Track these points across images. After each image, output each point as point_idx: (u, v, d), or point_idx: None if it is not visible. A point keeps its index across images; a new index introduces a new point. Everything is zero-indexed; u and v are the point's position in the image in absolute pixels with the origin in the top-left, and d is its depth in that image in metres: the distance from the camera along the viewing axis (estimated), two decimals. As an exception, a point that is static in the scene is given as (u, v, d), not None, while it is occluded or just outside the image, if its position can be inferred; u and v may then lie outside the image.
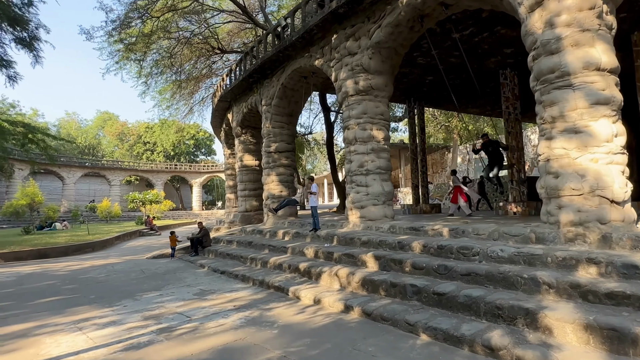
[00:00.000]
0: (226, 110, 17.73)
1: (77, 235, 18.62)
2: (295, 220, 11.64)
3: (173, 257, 11.69)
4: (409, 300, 5.27)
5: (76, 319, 5.56)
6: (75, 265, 11.14)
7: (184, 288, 7.52)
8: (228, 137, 19.68)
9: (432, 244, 6.23)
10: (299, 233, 9.69)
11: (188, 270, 9.58)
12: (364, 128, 8.75)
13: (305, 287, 6.54)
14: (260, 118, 15.53)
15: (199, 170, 53.23)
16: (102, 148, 59.56)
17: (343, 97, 9.14)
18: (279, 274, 7.60)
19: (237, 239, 11.36)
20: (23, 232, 20.28)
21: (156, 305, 6.21)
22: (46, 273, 9.89)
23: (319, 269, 6.91)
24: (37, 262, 12.51)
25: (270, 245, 9.51)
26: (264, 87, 13.06)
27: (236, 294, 6.86)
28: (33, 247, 13.66)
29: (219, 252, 10.75)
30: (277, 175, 12.59)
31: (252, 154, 15.89)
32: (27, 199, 21.11)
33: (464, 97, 16.17)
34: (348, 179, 9.00)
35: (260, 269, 8.41)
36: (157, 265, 10.51)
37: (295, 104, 12.69)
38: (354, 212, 8.75)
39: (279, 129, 12.71)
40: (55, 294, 7.32)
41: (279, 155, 12.67)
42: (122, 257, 12.84)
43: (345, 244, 7.88)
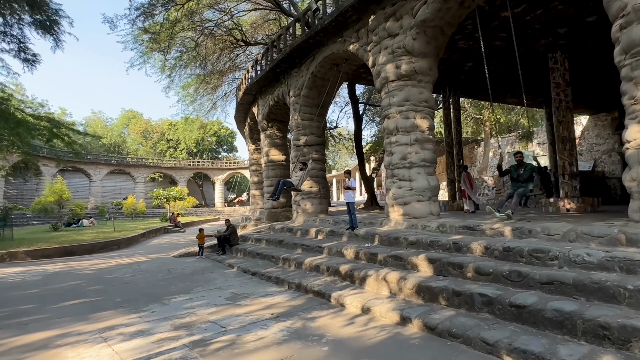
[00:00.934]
0: (251, 103, 17.20)
1: (103, 232, 18.54)
2: (326, 217, 10.96)
3: (201, 256, 11.22)
4: (477, 313, 4.50)
5: (101, 326, 5.04)
6: (101, 264, 10.81)
7: (215, 291, 6.96)
8: (252, 131, 19.17)
9: (496, 245, 5.43)
10: (333, 232, 9.00)
11: (216, 271, 9.05)
12: (406, 116, 7.96)
13: (349, 292, 5.85)
14: (287, 111, 14.91)
15: (221, 167, 53.30)
16: (126, 146, 60.46)
17: (382, 83, 8.37)
18: (317, 277, 6.94)
19: (266, 238, 10.77)
20: (51, 229, 20.40)
21: (186, 311, 5.65)
22: (72, 272, 9.57)
23: (362, 272, 6.20)
24: (63, 259, 12.30)
25: (303, 244, 8.86)
26: (292, 77, 12.40)
27: (272, 299, 6.24)
28: (60, 244, 13.51)
29: (248, 251, 10.19)
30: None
31: (278, 149, 15.29)
32: (55, 196, 21.27)
33: (504, 86, 15.09)
34: (388, 173, 8.24)
35: (295, 270, 7.77)
36: (184, 265, 10.04)
37: (325, 94, 11.97)
38: (395, 209, 7.99)
39: (309, 121, 12.04)
40: (79, 296, 6.89)
41: (309, 148, 12.00)
42: (147, 256, 12.48)
43: (389, 245, 7.14)
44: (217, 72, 20.32)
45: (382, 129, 8.65)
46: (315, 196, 11.88)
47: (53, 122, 11.16)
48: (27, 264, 11.48)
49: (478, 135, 29.18)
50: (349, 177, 8.65)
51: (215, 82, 21.66)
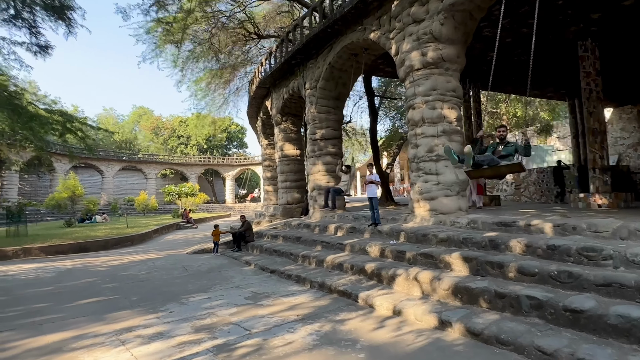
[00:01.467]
0: (264, 97, 16.86)
1: (116, 228, 18.46)
2: (345, 213, 10.60)
3: (216, 253, 10.96)
4: (525, 317, 4.11)
5: (118, 327, 4.77)
6: (115, 261, 10.62)
7: (234, 290, 6.66)
8: (265, 126, 18.86)
9: (538, 243, 5.01)
10: (354, 228, 8.64)
11: (233, 268, 8.76)
12: (433, 107, 7.53)
13: (377, 293, 5.50)
14: (302, 104, 14.54)
15: (232, 163, 53.26)
16: (138, 142, 60.76)
17: (407, 71, 7.94)
18: (341, 276, 6.59)
19: (283, 234, 10.46)
20: (65, 225, 20.41)
21: (206, 311, 5.35)
22: (86, 269, 9.37)
23: (391, 271, 5.84)
24: (77, 256, 12.16)
25: (322, 241, 8.52)
26: (308, 69, 12.03)
27: (294, 298, 5.91)
28: (74, 240, 13.39)
29: (265, 248, 9.89)
30: (324, 164, 11.56)
31: (292, 143, 14.95)
32: (68, 192, 21.30)
33: (526, 78, 14.53)
34: (413, 167, 7.84)
35: (316, 268, 7.43)
36: (200, 262, 9.79)
37: (343, 86, 11.58)
38: (421, 204, 7.59)
39: (325, 114, 11.66)
40: (94, 295, 6.65)
41: (325, 142, 11.63)
42: (161, 252, 12.28)
43: (417, 242, 6.75)
44: (229, 66, 20.02)
45: (406, 120, 8.24)
46: (333, 191, 11.51)
47: (66, 116, 10.98)
48: (41, 260, 11.36)
49: (494, 129, 28.42)
50: (371, 170, 8.27)
51: (227, 77, 21.37)
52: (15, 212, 14.90)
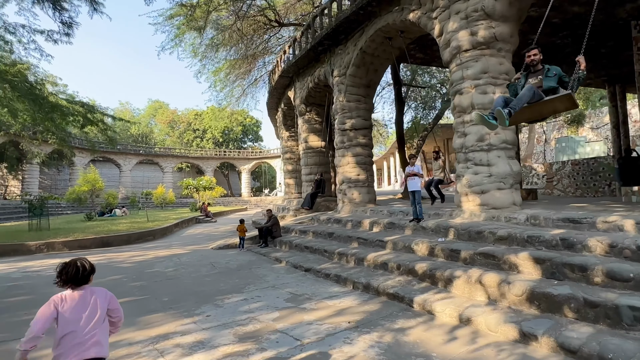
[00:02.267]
0: (286, 87, 16.32)
1: (137, 222, 18.25)
2: (378, 208, 10.02)
3: (242, 249, 10.53)
4: (626, 331, 3.50)
5: (153, 334, 4.32)
6: (139, 256, 10.28)
7: (270, 290, 6.18)
8: (286, 118, 18.34)
9: (625, 243, 4.37)
10: (393, 224, 8.07)
11: (264, 266, 8.30)
12: (484, 91, 6.87)
13: (434, 297, 4.93)
14: (327, 93, 13.96)
15: (247, 156, 53.06)
16: (154, 136, 61.06)
17: (453, 53, 7.27)
18: (386, 276, 6.04)
19: (313, 229, 9.95)
20: (85, 219, 20.35)
21: (246, 316, 4.87)
22: (110, 265, 9.03)
23: (446, 272, 5.26)
24: (100, 250, 11.89)
25: (359, 237, 7.97)
26: (336, 55, 11.41)
27: (339, 301, 5.39)
28: (96, 235, 13.15)
29: (294, 244, 9.40)
30: (354, 156, 10.98)
31: (317, 135, 14.39)
32: (88, 185, 21.23)
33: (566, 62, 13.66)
34: (460, 157, 7.21)
35: (355, 267, 6.89)
36: (227, 258, 9.36)
37: (374, 72, 10.95)
38: (470, 198, 6.96)
39: (355, 102, 11.05)
40: (123, 294, 6.24)
41: (355, 133, 11.03)
42: (185, 247, 11.92)
43: (470, 240, 6.15)
44: (248, 56, 19.51)
45: (451, 107, 7.59)
46: (363, 184, 10.95)
47: (87, 107, 10.64)
48: (65, 255, 11.10)
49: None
50: (413, 162, 7.66)
51: (245, 67, 20.90)
52: (37, 206, 14.78)
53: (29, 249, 11.49)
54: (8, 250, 11.31)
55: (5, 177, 39.46)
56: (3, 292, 6.60)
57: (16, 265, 9.37)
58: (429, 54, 12.47)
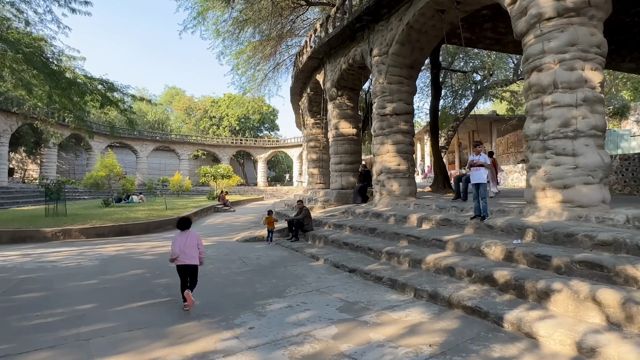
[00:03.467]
0: (314, 70, 15.32)
1: (155, 210, 17.63)
2: (421, 201, 9.03)
3: (270, 242, 9.69)
4: None
5: (188, 352, 3.49)
6: (160, 247, 9.53)
7: (316, 295, 5.31)
8: (312, 103, 17.36)
9: None
10: (448, 220, 7.09)
11: (299, 263, 7.43)
12: (570, 67, 5.78)
13: (527, 313, 3.98)
14: (362, 76, 12.94)
15: (264, 145, 52.30)
16: (170, 123, 60.73)
17: (531, 23, 6.18)
18: (455, 284, 5.10)
19: (349, 223, 9.03)
20: (103, 204, 19.85)
21: (297, 330, 4.01)
22: (130, 257, 8.30)
23: (540, 283, 4.29)
24: (118, 239, 11.22)
25: (408, 235, 7.02)
26: (376, 32, 10.35)
27: (404, 314, 4.49)
28: (114, 222, 12.47)
29: (330, 240, 8.50)
30: (394, 143, 9.98)
31: (348, 121, 13.40)
32: (106, 170, 20.72)
33: (623, 47, 12.34)
34: (536, 145, 6.16)
35: (411, 270, 5.96)
36: (256, 253, 8.53)
37: (419, 51, 9.88)
38: (548, 193, 5.93)
39: (397, 85, 10.02)
40: (147, 294, 5.46)
41: (396, 118, 10.02)
42: (207, 238, 11.16)
43: (556, 243, 5.15)
44: (272, 37, 18.51)
45: (524, 87, 6.51)
46: (404, 175, 9.97)
47: (107, 84, 9.87)
48: (82, 244, 10.46)
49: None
50: (479, 150, 6.64)
51: (268, 51, 19.90)
52: (53, 190, 14.21)
53: (45, 235, 10.87)
54: (23, 237, 10.72)
55: (24, 161, 39.56)
56: (15, 286, 5.88)
57: (31, 254, 8.73)
58: (476, 33, 11.32)
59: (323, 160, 17.88)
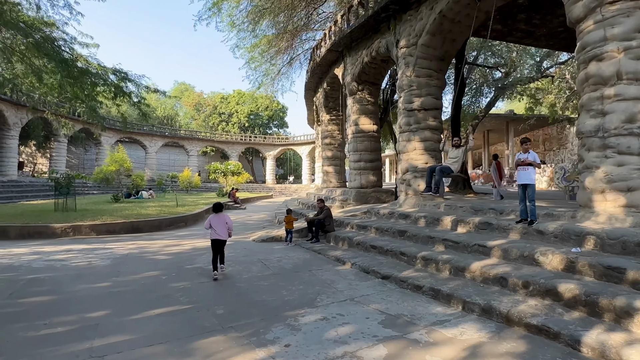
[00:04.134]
0: (332, 64, 14.77)
1: (165, 206, 17.22)
2: (452, 202, 8.45)
3: (289, 243, 9.19)
4: None
5: (220, 377, 2.98)
6: (174, 246, 9.08)
7: (351, 305, 4.78)
8: (328, 99, 16.81)
9: None
10: (489, 224, 6.52)
11: (325, 267, 6.91)
12: (637, 56, 5.18)
13: (608, 336, 3.42)
14: (383, 71, 12.36)
15: (273, 142, 51.86)
16: (179, 119, 60.55)
17: (591, 7, 5.58)
18: (510, 296, 4.54)
19: (375, 225, 8.48)
20: (113, 200, 19.51)
21: (341, 349, 3.49)
22: (144, 256, 7.84)
23: (618, 300, 3.72)
24: (130, 237, 10.79)
25: (445, 240, 6.46)
26: (404, 22, 9.77)
27: (457, 331, 3.94)
28: (125, 219, 12.05)
29: (355, 242, 7.97)
30: (422, 140, 9.42)
31: (369, 117, 12.84)
32: (116, 165, 20.33)
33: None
34: (594, 143, 5.55)
35: (453, 278, 5.41)
36: (276, 254, 8.02)
37: (451, 43, 9.29)
38: (609, 196, 5.34)
39: (426, 78, 9.44)
40: (164, 300, 4.97)
41: (425, 114, 9.44)
42: (222, 237, 10.68)
43: (625, 253, 4.57)
44: (287, 31, 17.98)
45: (579, 79, 5.91)
46: (431, 175, 9.38)
47: (120, 73, 9.41)
48: (92, 241, 10.04)
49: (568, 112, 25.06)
50: (527, 147, 6.05)
51: (282, 45, 19.39)
52: (63, 185, 13.84)
53: (54, 231, 10.47)
54: (32, 233, 10.33)
55: (34, 155, 39.51)
56: (21, 288, 5.43)
57: (39, 251, 8.31)
58: (508, 25, 10.69)
59: (338, 158, 17.34)
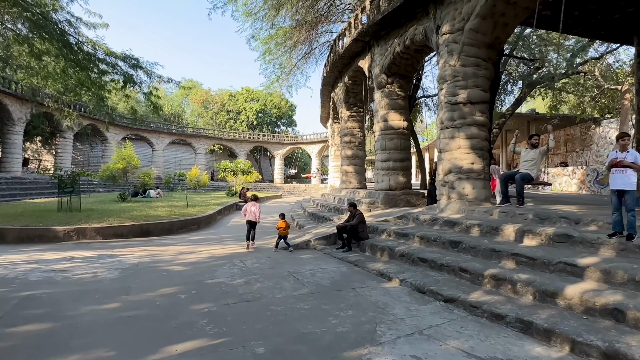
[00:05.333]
0: (356, 56, 13.76)
1: (175, 207, 16.29)
2: (511, 209, 7.39)
3: (289, 248, 8.22)
4: None
5: None
6: (189, 253, 8.11)
7: (423, 343, 3.77)
8: (349, 94, 15.80)
9: None
10: (568, 236, 5.47)
11: (368, 284, 5.89)
12: None
13: None
14: (415, 62, 11.35)
15: (282, 141, 50.92)
16: (186, 116, 59.82)
17: None
18: (631, 336, 3.50)
19: (418, 233, 7.45)
20: (119, 199, 18.62)
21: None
22: (157, 267, 6.87)
23: None
24: (139, 241, 9.86)
25: (517, 255, 5.42)
26: (447, 6, 8.74)
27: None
28: (134, 221, 11.10)
29: (396, 253, 6.95)
30: (468, 138, 8.37)
31: (399, 112, 11.80)
32: (123, 163, 19.39)
33: None
34: None
35: (540, 305, 4.38)
36: (307, 266, 7.01)
37: (502, 28, 8.24)
38: None
39: (473, 67, 8.39)
40: (186, 330, 3.98)
41: (471, 108, 8.40)
42: (240, 242, 9.72)
43: None
44: (304, 22, 17.00)
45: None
46: (478, 176, 8.36)
47: (131, 60, 8.47)
48: (98, 246, 9.11)
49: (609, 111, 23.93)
50: (626, 143, 4.99)
51: (301, 36, 18.41)
52: (67, 183, 12.95)
53: (56, 235, 9.56)
54: (32, 236, 9.41)
55: (39, 151, 38.84)
56: (13, 311, 4.47)
57: (38, 259, 7.38)
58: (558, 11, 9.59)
59: (359, 157, 16.33)
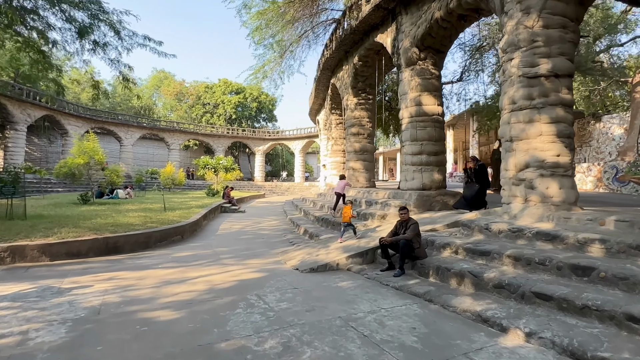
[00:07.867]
0: (372, 29, 11.56)
1: (150, 210, 13.54)
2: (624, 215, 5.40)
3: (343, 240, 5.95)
4: None
5: None
6: (177, 284, 5.64)
7: None
8: (357, 78, 13.61)
9: None
10: None
11: (475, 340, 3.69)
12: None
13: None
14: (452, 33, 9.30)
15: (263, 136, 48.10)
16: (157, 110, 55.87)
17: None
18: None
19: (506, 252, 5.30)
20: (80, 201, 15.59)
21: None
22: (130, 314, 4.41)
23: None
24: (104, 262, 7.26)
25: None
26: (519, -51, 6.66)
27: None
28: (97, 232, 8.36)
29: (488, 282, 4.81)
30: (552, 122, 6.32)
31: (433, 95, 9.70)
32: (85, 157, 16.22)
33: None
34: None
35: None
36: (360, 305, 4.74)
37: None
38: None
39: (558, 29, 6.36)
40: None
41: (555, 82, 6.37)
42: (243, 261, 7.35)
43: None
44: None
45: None
46: (565, 172, 6.36)
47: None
48: (42, 274, 6.49)
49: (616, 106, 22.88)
50: None
51: (295, 15, 16.06)
52: (6, 182, 10.01)
53: (-17, 255, 6.81)
54: (-54, 258, 6.65)
55: (-13, 146, 34.47)
56: None
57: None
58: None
59: (368, 152, 14.18)
